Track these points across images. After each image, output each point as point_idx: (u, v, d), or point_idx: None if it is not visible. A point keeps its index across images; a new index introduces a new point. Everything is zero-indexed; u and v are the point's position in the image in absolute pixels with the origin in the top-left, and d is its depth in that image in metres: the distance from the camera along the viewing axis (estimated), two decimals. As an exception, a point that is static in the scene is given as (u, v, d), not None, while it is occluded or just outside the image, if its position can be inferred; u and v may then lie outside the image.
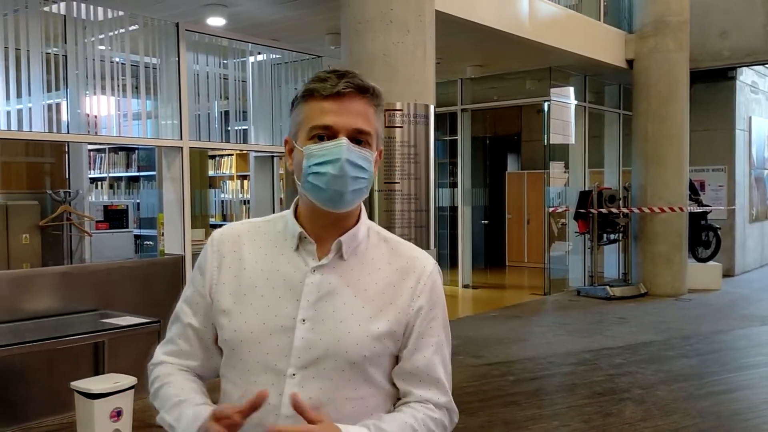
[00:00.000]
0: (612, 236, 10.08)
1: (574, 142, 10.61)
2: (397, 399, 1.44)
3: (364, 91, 1.36)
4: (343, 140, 1.32)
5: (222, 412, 1.28)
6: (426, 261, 1.46)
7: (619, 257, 10.81)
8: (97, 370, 4.81)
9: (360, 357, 1.35)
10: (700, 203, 10.45)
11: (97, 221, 6.09)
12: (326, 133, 1.33)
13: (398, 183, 4.97)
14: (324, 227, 1.40)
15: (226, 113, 6.80)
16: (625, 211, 9.74)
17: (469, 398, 5.00)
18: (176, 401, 1.40)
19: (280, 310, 1.36)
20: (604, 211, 9.58)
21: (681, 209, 9.63)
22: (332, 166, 1.31)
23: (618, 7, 10.29)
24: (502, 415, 4.74)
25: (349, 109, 1.34)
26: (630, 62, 9.91)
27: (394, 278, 1.41)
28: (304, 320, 1.35)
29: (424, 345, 1.41)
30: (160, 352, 1.50)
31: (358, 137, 1.35)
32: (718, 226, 10.61)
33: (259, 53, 7.13)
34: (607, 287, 9.52)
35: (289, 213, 1.45)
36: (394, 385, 1.43)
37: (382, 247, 1.45)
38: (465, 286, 10.55)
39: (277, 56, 7.26)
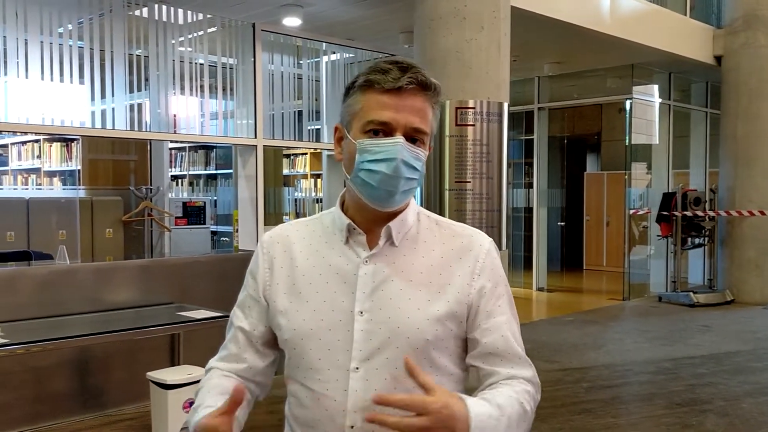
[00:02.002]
0: (697, 240, 9.64)
1: (657, 142, 10.21)
2: (464, 384, 1.41)
3: (426, 88, 1.32)
4: (400, 139, 1.29)
5: (206, 426, 1.24)
6: (482, 239, 1.42)
7: (704, 262, 10.34)
8: (173, 362, 4.95)
9: (422, 341, 1.32)
10: (794, 207, 9.87)
11: (176, 217, 6.28)
12: (382, 129, 1.30)
13: (470, 182, 4.89)
14: (373, 218, 1.37)
15: (300, 113, 6.89)
16: (712, 214, 9.30)
17: (541, 404, 4.77)
18: (194, 407, 1.37)
19: (336, 305, 1.34)
20: (688, 213, 9.17)
21: (772, 213, 9.13)
22: (386, 165, 1.28)
23: (705, 1, 9.85)
24: (575, 423, 4.59)
25: (409, 105, 1.30)
26: (718, 59, 9.46)
27: (450, 258, 1.38)
28: (361, 312, 1.32)
29: (497, 325, 1.37)
30: (213, 358, 1.49)
31: (414, 135, 1.31)
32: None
33: (333, 53, 7.19)
34: (691, 294, 9.10)
35: (335, 207, 1.43)
36: (462, 369, 1.40)
37: (435, 230, 1.42)
38: (540, 289, 10.33)
39: (351, 55, 7.31)
